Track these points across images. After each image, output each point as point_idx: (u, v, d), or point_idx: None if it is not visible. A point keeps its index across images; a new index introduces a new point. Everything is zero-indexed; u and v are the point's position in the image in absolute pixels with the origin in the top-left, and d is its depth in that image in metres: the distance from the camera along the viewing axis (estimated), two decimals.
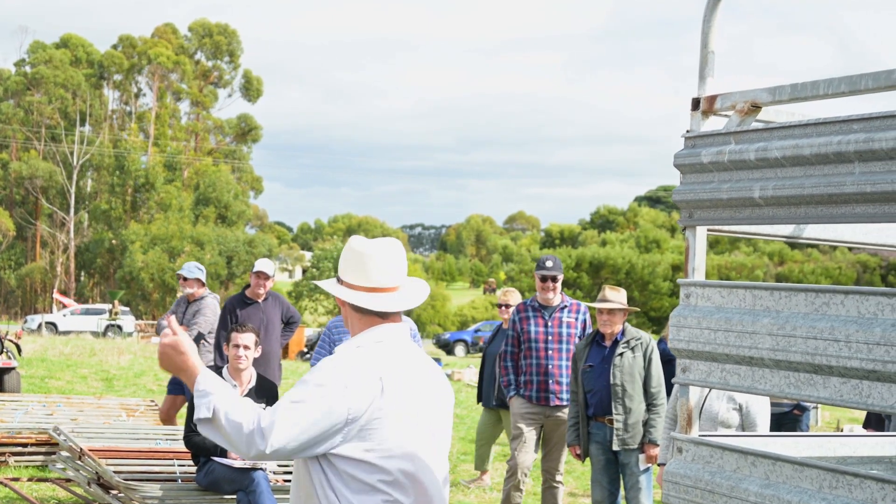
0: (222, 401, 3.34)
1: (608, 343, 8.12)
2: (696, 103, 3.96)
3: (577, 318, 9.02)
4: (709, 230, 4.02)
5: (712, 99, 3.93)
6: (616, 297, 8.09)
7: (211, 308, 10.93)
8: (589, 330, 9.02)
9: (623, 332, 8.10)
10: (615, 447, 7.95)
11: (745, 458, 3.60)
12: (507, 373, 9.07)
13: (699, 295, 3.78)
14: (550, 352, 8.84)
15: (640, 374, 7.99)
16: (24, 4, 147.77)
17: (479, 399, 11.57)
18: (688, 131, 3.95)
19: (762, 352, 3.49)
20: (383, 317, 3.64)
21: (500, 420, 11.40)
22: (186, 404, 7.94)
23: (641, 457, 7.94)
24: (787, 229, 4.34)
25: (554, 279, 8.95)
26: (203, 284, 11.12)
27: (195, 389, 3.38)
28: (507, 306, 11.30)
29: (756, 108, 3.77)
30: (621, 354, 7.99)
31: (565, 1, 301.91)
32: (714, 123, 3.99)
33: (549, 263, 8.99)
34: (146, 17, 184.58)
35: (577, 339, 8.94)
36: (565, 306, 9.02)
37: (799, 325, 3.42)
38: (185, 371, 3.44)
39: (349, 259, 3.66)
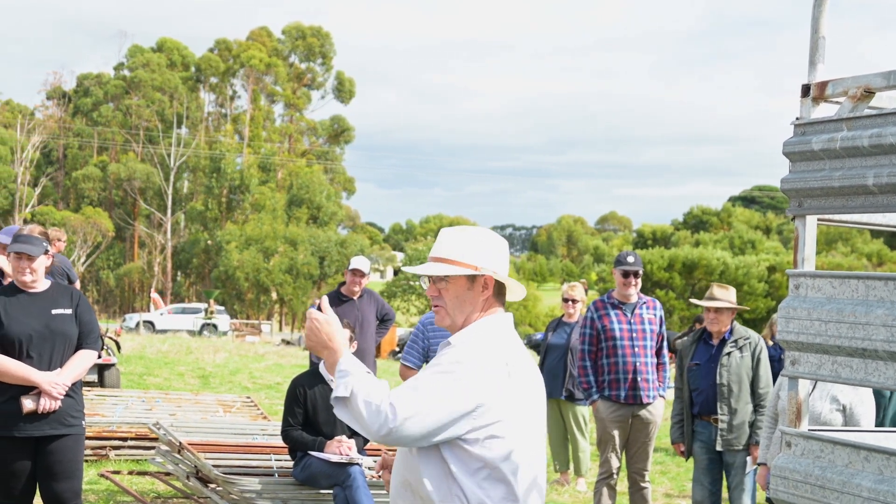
0: (361, 382, 3.33)
1: (715, 341, 7.96)
2: (805, 90, 3.85)
3: (655, 315, 8.90)
4: (819, 219, 3.91)
5: (823, 85, 3.82)
6: (724, 295, 7.91)
7: None
8: (664, 326, 8.91)
9: (731, 331, 7.93)
10: (719, 447, 7.80)
11: (858, 453, 3.49)
12: (585, 373, 8.85)
13: (809, 286, 3.68)
14: (637, 349, 8.69)
15: (748, 375, 7.80)
16: (123, 10, 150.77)
17: None
18: (797, 118, 3.85)
19: (876, 343, 3.38)
20: (504, 306, 3.65)
21: (561, 412, 11.30)
22: (285, 399, 7.97)
23: (748, 459, 7.77)
24: None
25: (636, 275, 8.81)
26: None
27: (337, 369, 3.38)
28: (574, 301, 11.21)
29: (869, 93, 3.65)
30: (728, 354, 7.81)
31: (657, 0, 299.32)
32: (824, 110, 3.88)
33: (630, 259, 8.84)
34: (241, 21, 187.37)
35: (657, 336, 8.83)
36: (643, 303, 8.89)
37: None
38: (329, 349, 3.44)
39: (497, 248, 3.63)
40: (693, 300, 8.74)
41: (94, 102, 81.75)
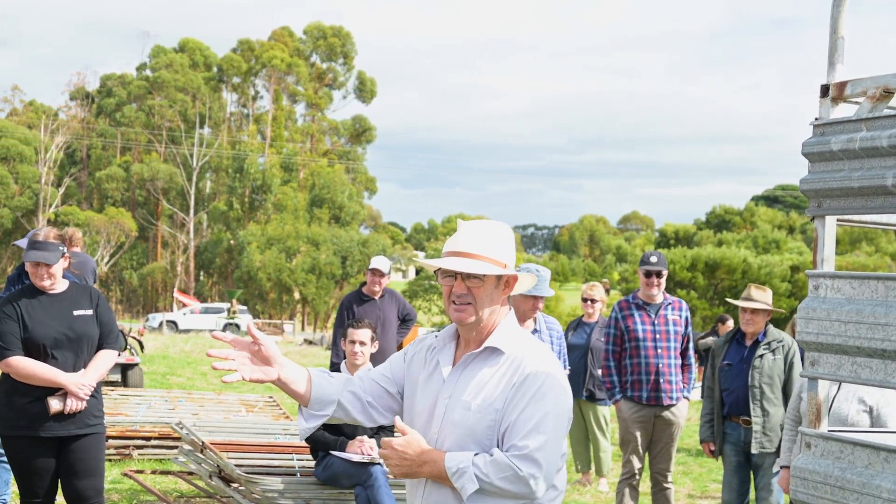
0: (478, 466, 3.27)
1: (749, 342, 7.92)
2: (825, 90, 3.83)
3: (681, 316, 8.85)
4: (839, 220, 3.90)
5: (842, 85, 3.81)
6: (761, 296, 7.87)
7: None
8: (691, 328, 8.87)
9: (765, 333, 7.90)
10: (753, 450, 7.76)
11: (878, 454, 3.48)
12: (609, 373, 8.84)
13: (829, 286, 3.67)
14: (660, 350, 8.65)
15: (780, 377, 7.76)
16: (146, 10, 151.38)
17: None
18: (816, 119, 3.84)
19: None
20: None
21: (582, 413, 11.27)
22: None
23: (778, 460, 7.74)
24: None
25: (659, 275, 8.76)
26: None
27: (449, 474, 3.27)
28: (593, 301, 11.20)
29: (889, 93, 3.64)
30: (761, 356, 7.77)
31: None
32: (843, 111, 3.86)
33: (653, 259, 8.80)
34: (263, 21, 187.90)
35: (681, 337, 8.79)
36: (669, 303, 8.85)
37: None
38: (428, 462, 3.33)
39: (514, 245, 3.60)
40: (730, 299, 8.65)
41: (117, 103, 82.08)
